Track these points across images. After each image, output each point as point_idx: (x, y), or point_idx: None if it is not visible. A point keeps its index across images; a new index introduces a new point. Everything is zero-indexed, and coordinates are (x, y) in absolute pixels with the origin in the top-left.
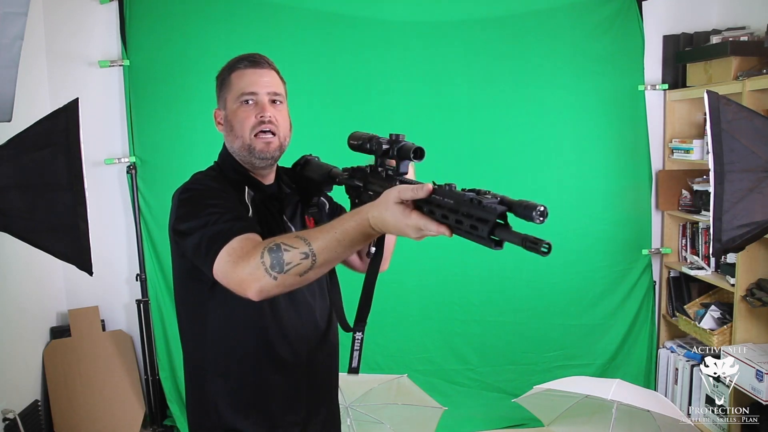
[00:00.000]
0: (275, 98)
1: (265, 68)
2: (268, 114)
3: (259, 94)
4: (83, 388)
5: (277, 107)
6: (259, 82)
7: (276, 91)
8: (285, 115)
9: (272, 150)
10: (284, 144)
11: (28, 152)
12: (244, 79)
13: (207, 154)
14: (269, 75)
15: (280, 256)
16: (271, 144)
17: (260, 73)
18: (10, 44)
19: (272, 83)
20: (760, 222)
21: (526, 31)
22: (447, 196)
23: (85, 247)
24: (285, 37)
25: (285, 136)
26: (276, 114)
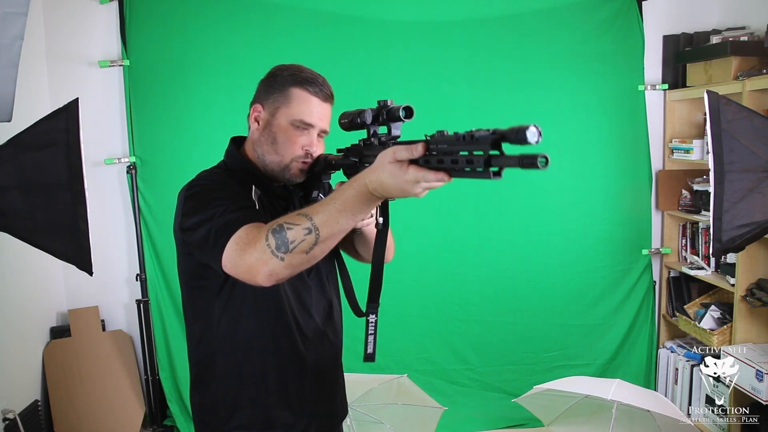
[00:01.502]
0: (322, 133)
1: (329, 103)
2: (315, 150)
3: (315, 127)
4: (83, 388)
5: (321, 141)
6: (321, 116)
7: (326, 129)
8: (323, 149)
9: (302, 175)
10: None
11: (28, 152)
12: (308, 107)
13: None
14: (329, 110)
15: (284, 236)
16: (303, 171)
17: (324, 107)
18: (10, 44)
19: (328, 119)
20: (760, 222)
21: (526, 31)
22: (440, 143)
23: (85, 247)
24: (285, 37)
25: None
26: (320, 149)
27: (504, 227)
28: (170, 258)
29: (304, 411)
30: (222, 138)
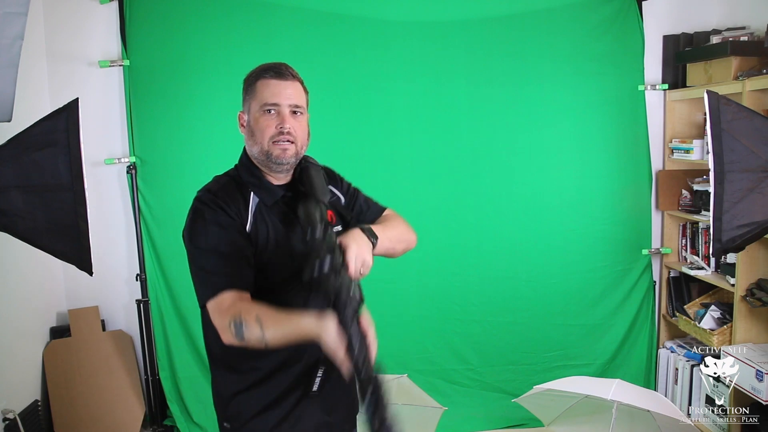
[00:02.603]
0: (296, 109)
1: (289, 80)
2: (288, 125)
3: (281, 105)
4: (83, 388)
5: (297, 118)
6: (282, 93)
7: (297, 103)
8: (304, 126)
9: (288, 156)
10: (301, 151)
11: (28, 152)
12: (269, 90)
13: (207, 154)
14: (292, 87)
15: (241, 331)
16: (287, 151)
17: (284, 84)
18: (10, 44)
19: (294, 95)
20: (760, 222)
21: (526, 31)
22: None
23: (85, 247)
24: (284, 37)
25: (302, 145)
26: (295, 124)
27: (504, 227)
28: (170, 258)
29: (314, 408)
30: (222, 138)
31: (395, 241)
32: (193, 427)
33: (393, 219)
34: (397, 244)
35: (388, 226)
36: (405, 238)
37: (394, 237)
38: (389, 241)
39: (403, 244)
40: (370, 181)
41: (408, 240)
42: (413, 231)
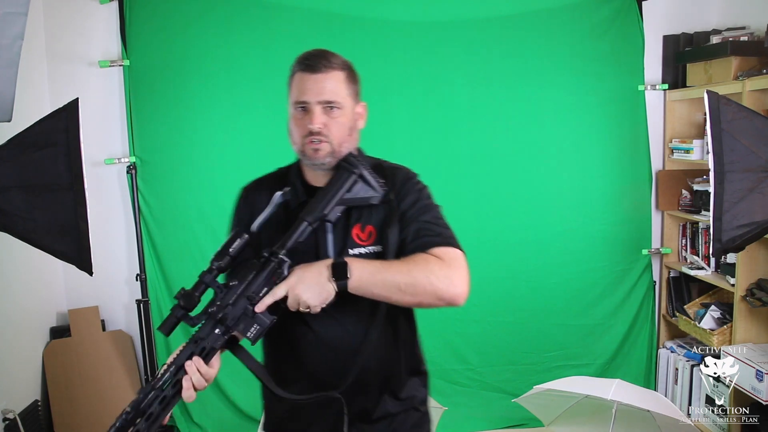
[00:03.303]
0: (329, 105)
1: (321, 72)
2: (316, 125)
3: (310, 102)
4: (83, 388)
5: (332, 114)
6: (312, 90)
7: (329, 98)
8: (340, 121)
9: (321, 156)
10: (338, 150)
11: (28, 152)
12: (300, 85)
13: (207, 154)
14: (325, 80)
15: None
16: (319, 151)
17: (315, 79)
18: (10, 44)
19: (326, 90)
20: (760, 222)
21: (526, 31)
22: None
23: (85, 247)
24: (285, 37)
25: (340, 143)
26: (329, 122)
27: (504, 227)
28: (170, 258)
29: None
30: (222, 138)
31: (388, 288)
32: (193, 427)
33: (413, 262)
34: (391, 293)
35: (390, 267)
36: (410, 288)
37: (389, 283)
38: (376, 286)
39: (404, 296)
40: None
41: (416, 291)
42: (444, 283)
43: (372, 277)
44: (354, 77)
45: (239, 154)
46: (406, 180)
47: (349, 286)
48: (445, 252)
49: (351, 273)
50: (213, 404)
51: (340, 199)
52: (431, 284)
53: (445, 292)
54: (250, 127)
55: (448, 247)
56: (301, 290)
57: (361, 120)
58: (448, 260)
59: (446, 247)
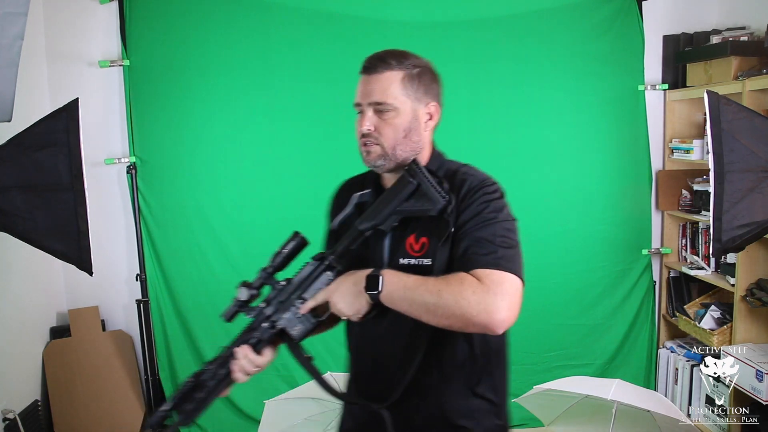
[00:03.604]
0: (379, 107)
1: (374, 73)
2: (365, 128)
3: (362, 104)
4: (83, 388)
5: (384, 115)
6: (364, 92)
7: (379, 99)
8: (393, 123)
9: (372, 159)
10: (391, 153)
11: (28, 152)
12: (358, 88)
13: (207, 154)
14: (376, 81)
15: None
16: (370, 154)
17: (367, 80)
18: (10, 44)
19: (376, 91)
20: (760, 222)
21: (526, 31)
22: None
23: (85, 247)
24: (284, 36)
25: (393, 145)
26: (380, 124)
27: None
28: (170, 258)
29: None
30: (222, 138)
31: (416, 306)
32: (193, 427)
33: (446, 283)
34: (420, 313)
35: (422, 285)
36: (438, 310)
37: (418, 302)
38: (405, 302)
39: (433, 317)
40: None
41: (445, 314)
42: (475, 309)
43: (402, 293)
44: (418, 77)
45: (239, 153)
46: (473, 190)
47: (381, 298)
48: (487, 274)
49: (383, 286)
50: (213, 404)
51: (395, 209)
52: (460, 308)
53: (475, 318)
54: (250, 127)
55: (495, 269)
56: (336, 299)
57: (430, 121)
58: (488, 283)
59: (492, 269)
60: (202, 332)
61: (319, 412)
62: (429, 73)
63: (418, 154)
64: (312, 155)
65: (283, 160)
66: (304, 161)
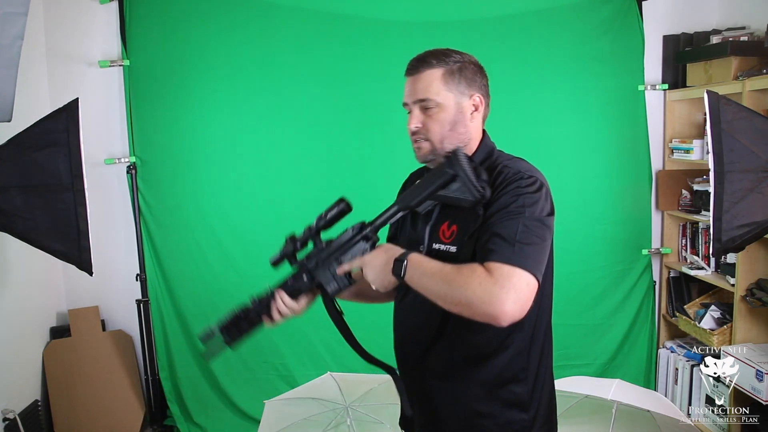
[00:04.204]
0: (424, 104)
1: (416, 74)
2: (413, 126)
3: (408, 104)
4: (83, 388)
5: (428, 112)
6: (409, 92)
7: (423, 97)
8: (439, 118)
9: (423, 155)
10: (440, 146)
11: (28, 152)
12: (405, 90)
13: (207, 154)
14: (418, 80)
15: None
16: (420, 150)
17: (411, 80)
18: (10, 44)
19: (420, 89)
20: (760, 222)
21: (526, 31)
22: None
23: (85, 247)
24: (284, 36)
25: (440, 140)
26: (426, 120)
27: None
28: (170, 258)
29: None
30: (222, 138)
31: (431, 293)
32: (193, 427)
33: (459, 272)
34: (435, 298)
35: (439, 273)
36: (449, 298)
37: (433, 289)
38: (422, 288)
39: (445, 304)
40: (370, 181)
41: (454, 302)
42: (480, 300)
43: (420, 280)
44: (459, 72)
45: (239, 153)
46: (505, 182)
47: (406, 281)
48: (498, 268)
49: (405, 272)
50: (213, 404)
51: (431, 194)
52: (466, 298)
53: (479, 308)
54: (250, 127)
55: (506, 264)
56: (367, 271)
57: (476, 113)
58: (496, 276)
59: (504, 263)
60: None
61: (319, 412)
62: (471, 67)
63: (466, 145)
64: (312, 155)
65: (283, 159)
66: (303, 161)
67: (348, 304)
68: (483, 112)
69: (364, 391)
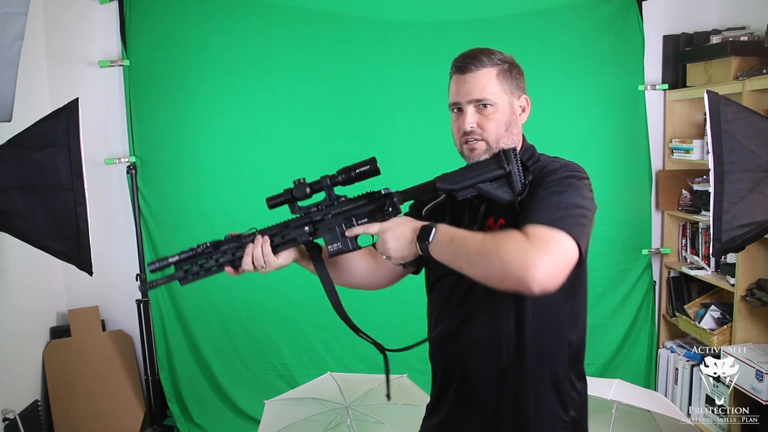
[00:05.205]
0: (480, 103)
1: (469, 72)
2: (468, 125)
3: (461, 103)
4: (83, 388)
5: (485, 111)
6: (461, 91)
7: (478, 96)
8: (495, 118)
9: (478, 155)
10: (495, 147)
11: (28, 152)
12: (452, 88)
13: (207, 154)
14: (473, 79)
15: None
16: (475, 150)
17: (463, 80)
18: (10, 44)
19: (475, 88)
20: (760, 222)
21: (526, 31)
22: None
23: (85, 247)
24: (285, 37)
25: (496, 139)
26: (482, 120)
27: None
28: None
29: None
30: (222, 138)
31: (458, 256)
32: (193, 427)
33: (494, 235)
34: (461, 262)
35: (470, 236)
36: (478, 260)
37: (461, 251)
38: (449, 253)
39: (472, 268)
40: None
41: (483, 264)
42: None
43: (448, 244)
44: (509, 71)
45: (239, 153)
46: (549, 173)
47: (430, 249)
48: (537, 229)
49: (434, 236)
50: (213, 404)
51: (476, 184)
52: (498, 257)
53: (512, 270)
54: (250, 127)
55: (547, 226)
56: (388, 237)
57: (523, 114)
58: (534, 238)
59: (545, 225)
60: (202, 332)
61: (319, 412)
62: (516, 67)
63: (516, 146)
64: (312, 155)
65: (284, 159)
66: (304, 160)
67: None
68: (528, 114)
69: (364, 391)
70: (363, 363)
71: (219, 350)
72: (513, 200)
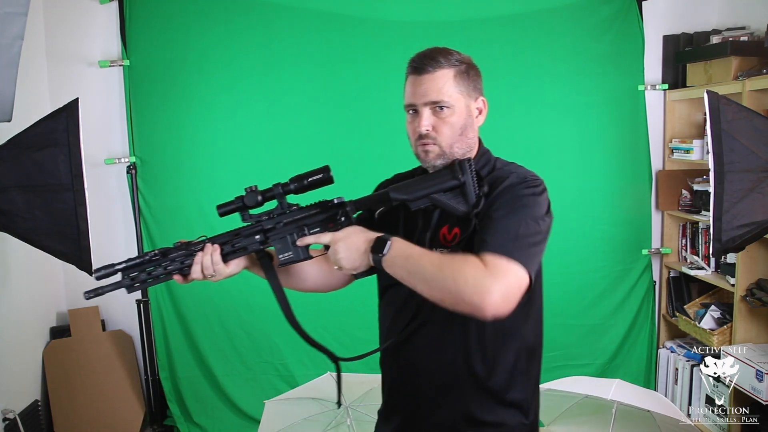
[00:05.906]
0: (435, 105)
1: (426, 73)
2: (423, 128)
3: (416, 104)
4: (83, 388)
5: (441, 114)
6: (417, 92)
7: (434, 99)
8: (450, 121)
9: (432, 159)
10: (449, 151)
11: (28, 152)
12: (408, 89)
13: (207, 154)
14: (430, 81)
15: None
16: (429, 153)
17: (420, 81)
18: (10, 44)
19: (431, 90)
20: (760, 222)
21: (526, 31)
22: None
23: (85, 247)
24: (285, 37)
25: (450, 144)
26: (437, 123)
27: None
28: None
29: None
30: (222, 138)
31: (415, 275)
32: (193, 427)
33: (451, 259)
34: (417, 282)
35: (427, 257)
36: (434, 282)
37: (418, 271)
38: (404, 270)
39: (427, 289)
40: (371, 181)
41: (440, 287)
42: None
43: (405, 260)
44: (467, 73)
45: (239, 153)
46: (505, 190)
47: (383, 262)
48: (493, 259)
49: (389, 251)
50: (213, 404)
51: (430, 195)
52: (455, 284)
53: (467, 296)
54: (250, 127)
55: (503, 256)
56: (340, 247)
57: (480, 116)
58: (491, 268)
59: (501, 255)
60: (202, 332)
61: (319, 412)
62: (474, 68)
63: (472, 149)
64: (312, 154)
65: (284, 159)
66: (304, 160)
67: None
68: (485, 116)
69: (364, 391)
70: (363, 363)
71: (219, 350)
72: (468, 212)
